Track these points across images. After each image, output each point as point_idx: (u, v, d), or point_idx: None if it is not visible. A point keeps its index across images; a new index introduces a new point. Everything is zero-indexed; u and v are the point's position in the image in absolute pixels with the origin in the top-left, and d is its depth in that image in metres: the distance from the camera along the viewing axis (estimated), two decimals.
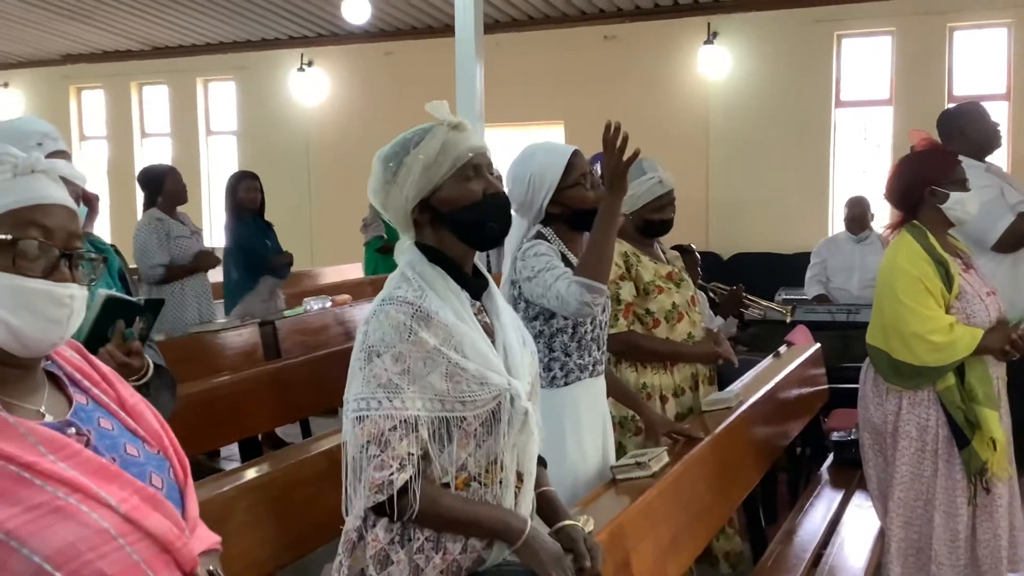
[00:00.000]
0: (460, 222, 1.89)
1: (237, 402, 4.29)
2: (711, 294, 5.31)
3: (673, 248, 5.37)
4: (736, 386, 3.75)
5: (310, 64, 10.82)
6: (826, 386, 4.61)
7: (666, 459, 2.67)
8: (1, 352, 1.26)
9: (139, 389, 1.92)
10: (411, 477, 1.77)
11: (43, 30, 10.81)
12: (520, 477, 1.91)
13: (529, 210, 2.70)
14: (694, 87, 9.36)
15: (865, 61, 9.17)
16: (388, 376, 1.78)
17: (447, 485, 1.82)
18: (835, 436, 4.29)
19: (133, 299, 2.21)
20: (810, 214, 9.06)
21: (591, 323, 2.68)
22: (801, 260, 7.13)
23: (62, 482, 1.22)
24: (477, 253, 2.00)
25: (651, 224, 3.36)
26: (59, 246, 1.28)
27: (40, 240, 1.26)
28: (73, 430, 1.31)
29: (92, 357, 1.48)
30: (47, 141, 2.24)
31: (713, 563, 3.40)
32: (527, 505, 1.94)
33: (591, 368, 2.72)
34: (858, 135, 9.47)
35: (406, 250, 1.93)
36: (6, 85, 12.38)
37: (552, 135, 9.99)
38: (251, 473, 2.83)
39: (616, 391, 3.02)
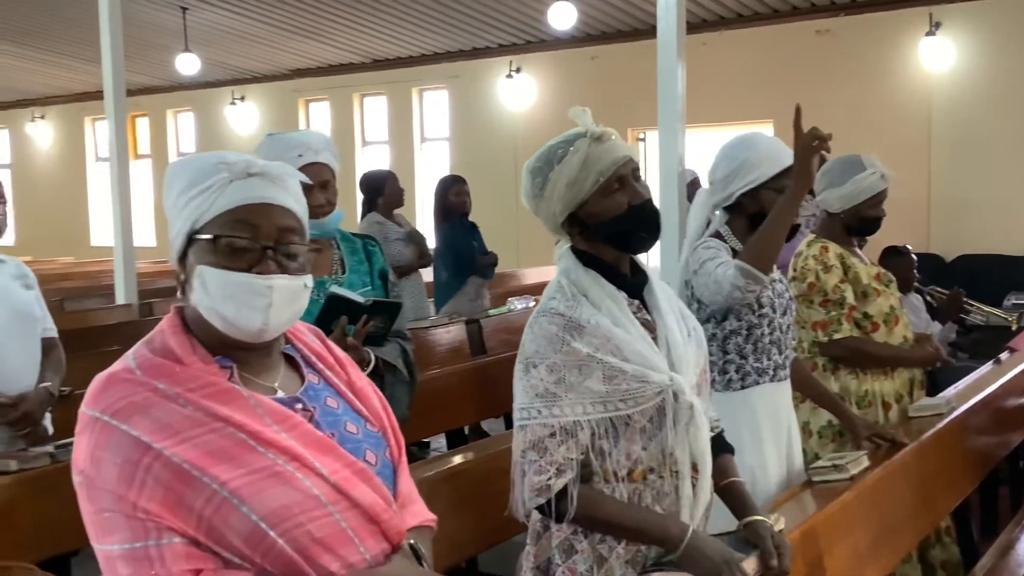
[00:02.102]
0: (608, 234, 1.92)
1: (445, 395, 4.51)
2: (928, 298, 5.08)
3: (887, 249, 5.18)
4: (950, 392, 3.58)
5: (518, 71, 11.09)
6: None
7: (865, 463, 2.60)
8: (231, 337, 1.41)
9: None
10: (569, 481, 1.82)
11: (275, 47, 11.67)
12: (695, 468, 1.92)
13: (722, 189, 2.63)
14: (915, 81, 8.90)
15: None
16: (544, 386, 1.83)
17: (622, 480, 1.86)
18: None
19: (358, 299, 2.39)
20: None
21: (768, 325, 2.57)
22: None
23: (282, 450, 1.35)
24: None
25: (867, 221, 3.20)
26: (266, 241, 1.41)
27: (241, 237, 1.39)
28: (300, 406, 1.45)
29: (329, 342, 1.61)
30: (307, 152, 2.52)
31: (929, 573, 3.26)
32: (705, 495, 1.94)
33: (771, 373, 2.60)
34: None
35: (562, 255, 1.97)
36: (242, 99, 13.41)
37: None
38: (455, 460, 2.99)
39: (813, 393, 2.95)
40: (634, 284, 1.97)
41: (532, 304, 6.30)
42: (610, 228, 1.91)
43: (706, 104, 8.18)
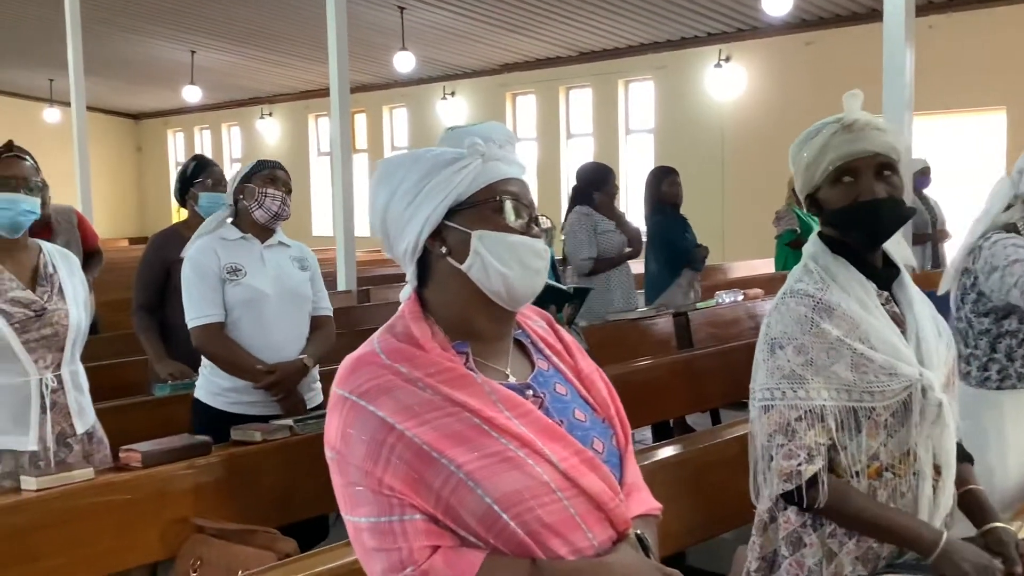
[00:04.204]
0: (834, 224, 1.89)
1: (651, 387, 4.49)
2: None
3: None
4: None
5: (727, 60, 10.87)
6: None
7: None
8: (489, 309, 1.46)
9: None
10: (820, 468, 1.78)
11: (485, 43, 11.97)
12: (938, 470, 1.85)
13: None
14: None
15: None
16: (791, 367, 1.80)
17: (858, 474, 1.81)
18: None
19: (564, 287, 2.44)
20: None
21: None
22: None
23: (514, 436, 1.38)
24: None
25: None
26: (532, 210, 1.48)
27: (520, 203, 1.47)
28: (531, 392, 1.48)
29: (558, 327, 1.64)
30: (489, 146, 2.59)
31: None
32: (947, 500, 1.87)
33: None
34: None
35: (811, 241, 1.94)
36: (452, 94, 13.84)
37: (992, 122, 9.15)
38: (666, 452, 2.97)
39: None
40: (884, 276, 1.91)
41: (740, 298, 6.16)
42: (835, 218, 1.88)
43: (934, 90, 7.73)
